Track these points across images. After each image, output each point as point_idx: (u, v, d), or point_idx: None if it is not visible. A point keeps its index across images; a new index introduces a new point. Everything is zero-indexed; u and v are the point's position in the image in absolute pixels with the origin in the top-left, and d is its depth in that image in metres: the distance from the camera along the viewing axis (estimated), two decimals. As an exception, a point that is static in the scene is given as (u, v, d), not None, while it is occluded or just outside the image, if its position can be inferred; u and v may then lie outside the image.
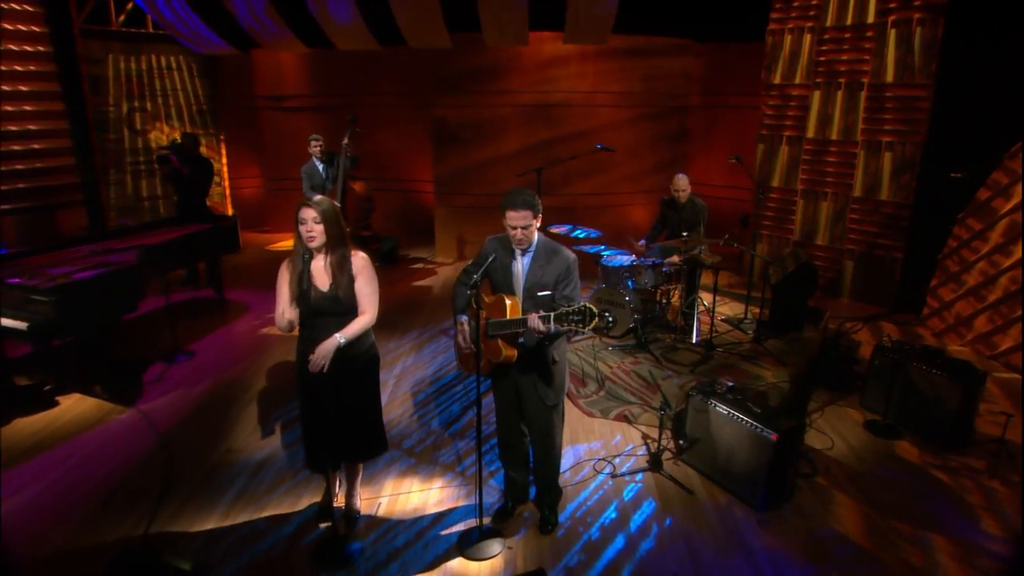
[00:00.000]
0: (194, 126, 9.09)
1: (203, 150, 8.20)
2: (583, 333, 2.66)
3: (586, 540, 3.32)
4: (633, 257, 5.78)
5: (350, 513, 3.45)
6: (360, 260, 3.04)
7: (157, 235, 5.85)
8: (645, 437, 4.29)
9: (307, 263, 2.85)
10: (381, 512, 3.53)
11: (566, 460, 3.90)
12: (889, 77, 6.52)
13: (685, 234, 5.27)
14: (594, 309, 2.58)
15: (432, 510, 3.55)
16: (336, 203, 3.05)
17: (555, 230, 6.07)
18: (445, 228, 8.80)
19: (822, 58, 6.97)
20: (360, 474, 3.50)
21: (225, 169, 9.73)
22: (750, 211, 7.99)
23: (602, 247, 5.99)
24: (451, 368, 5.37)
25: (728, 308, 6.02)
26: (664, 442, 4.15)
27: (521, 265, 3.06)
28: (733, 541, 3.33)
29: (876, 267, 6.95)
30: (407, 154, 9.77)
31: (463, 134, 8.35)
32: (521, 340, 3.00)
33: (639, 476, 3.88)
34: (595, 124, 8.25)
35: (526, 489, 3.55)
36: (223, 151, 9.75)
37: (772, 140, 7.63)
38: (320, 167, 6.93)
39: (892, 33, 6.44)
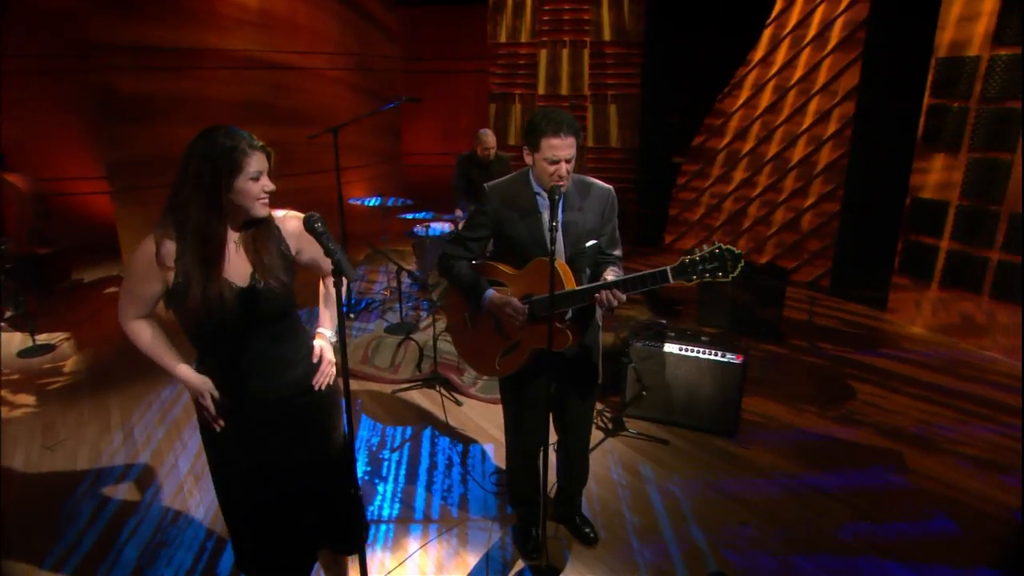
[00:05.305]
0: None
1: None
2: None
3: (633, 531, 2.80)
4: (451, 226, 5.12)
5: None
6: (293, 221, 1.83)
7: None
8: (573, 405, 3.87)
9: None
10: (376, 617, 2.35)
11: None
12: (607, 36, 7.17)
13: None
14: (734, 249, 1.97)
15: (443, 581, 2.52)
16: None
17: (355, 203, 5.00)
18: (132, 234, 6.47)
19: (546, 18, 7.27)
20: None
21: None
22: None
23: (425, 214, 5.09)
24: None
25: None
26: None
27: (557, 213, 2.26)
28: (743, 468, 3.25)
29: (615, 209, 7.73)
30: (50, 145, 6.90)
31: (148, 106, 6.23)
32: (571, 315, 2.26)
33: (606, 446, 3.47)
34: (312, 84, 7.14)
35: (538, 509, 2.80)
36: None
37: (504, 100, 7.73)
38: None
39: (602, -7, 7.08)
